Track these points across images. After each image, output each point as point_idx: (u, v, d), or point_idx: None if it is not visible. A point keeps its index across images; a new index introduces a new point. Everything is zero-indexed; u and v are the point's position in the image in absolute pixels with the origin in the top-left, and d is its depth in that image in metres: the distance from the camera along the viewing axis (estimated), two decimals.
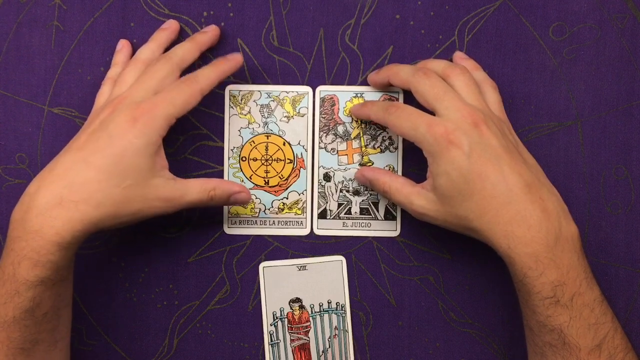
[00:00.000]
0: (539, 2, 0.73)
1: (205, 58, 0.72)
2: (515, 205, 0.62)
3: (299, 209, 0.74)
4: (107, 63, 0.73)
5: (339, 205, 0.74)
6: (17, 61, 0.73)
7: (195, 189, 0.67)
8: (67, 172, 0.62)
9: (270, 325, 0.74)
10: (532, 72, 0.73)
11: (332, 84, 0.74)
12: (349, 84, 0.74)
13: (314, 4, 0.73)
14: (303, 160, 0.74)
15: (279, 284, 0.74)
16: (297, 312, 0.74)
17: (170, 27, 0.72)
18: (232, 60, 0.70)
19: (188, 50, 0.70)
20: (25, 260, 0.60)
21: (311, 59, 0.74)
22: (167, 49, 0.71)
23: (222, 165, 0.74)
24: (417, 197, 0.67)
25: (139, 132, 0.63)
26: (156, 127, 0.64)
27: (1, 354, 0.61)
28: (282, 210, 0.74)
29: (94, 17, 0.73)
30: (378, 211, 0.74)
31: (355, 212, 0.74)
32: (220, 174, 0.74)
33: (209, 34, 0.72)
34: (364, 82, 0.74)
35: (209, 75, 0.68)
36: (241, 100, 0.73)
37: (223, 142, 0.74)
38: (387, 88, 0.73)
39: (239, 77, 0.73)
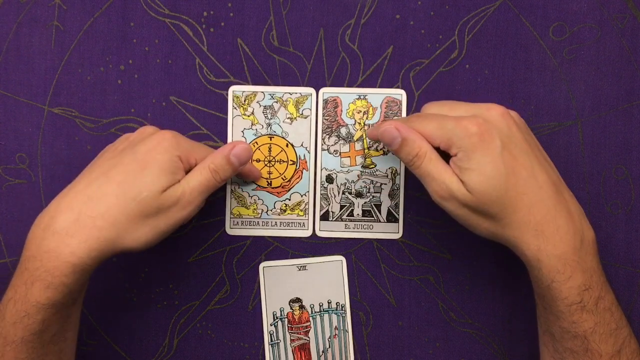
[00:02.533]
0: (539, 2, 0.73)
1: (205, 58, 0.72)
2: (546, 204, 0.61)
3: (301, 210, 0.74)
4: (107, 63, 0.73)
5: (341, 207, 0.74)
6: (17, 61, 0.73)
7: (195, 174, 0.66)
8: (88, 187, 0.62)
9: (270, 325, 0.74)
10: (532, 72, 0.73)
11: (332, 84, 0.74)
12: (350, 84, 0.74)
13: (314, 4, 0.73)
14: (306, 162, 0.74)
15: (279, 284, 0.74)
16: (297, 312, 0.74)
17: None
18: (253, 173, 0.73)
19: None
20: (38, 282, 0.59)
21: (311, 59, 0.74)
22: None
23: None
24: (450, 178, 0.63)
25: (164, 149, 0.64)
26: (181, 153, 0.65)
27: None
28: (285, 211, 0.74)
29: (94, 17, 0.73)
30: (380, 213, 0.74)
31: (358, 214, 0.74)
32: None
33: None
34: (364, 83, 0.74)
35: (227, 171, 0.67)
36: (244, 101, 0.73)
37: (223, 142, 0.74)
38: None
39: (238, 77, 0.73)
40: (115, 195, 0.61)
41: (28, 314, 0.59)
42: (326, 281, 0.74)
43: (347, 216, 0.74)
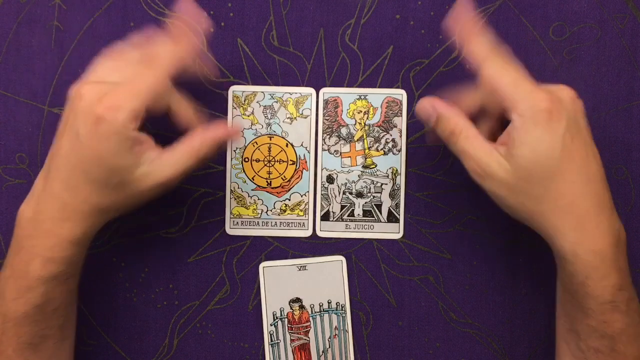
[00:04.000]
0: (539, 2, 0.73)
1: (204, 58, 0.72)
2: (591, 197, 0.59)
3: (301, 210, 0.74)
4: None
5: (342, 207, 0.74)
6: (17, 61, 0.73)
7: (182, 158, 0.62)
8: (60, 174, 0.61)
9: (270, 325, 0.74)
10: (532, 72, 0.73)
11: (332, 84, 0.74)
12: (350, 84, 0.74)
13: (314, 4, 0.73)
14: (306, 162, 0.74)
15: (279, 284, 0.74)
16: (297, 312, 0.74)
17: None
18: (192, 33, 0.65)
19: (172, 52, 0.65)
20: (38, 258, 0.60)
21: (311, 59, 0.74)
22: None
23: (222, 165, 0.74)
24: (488, 155, 0.60)
25: (107, 132, 0.58)
26: (124, 123, 0.59)
27: (10, 348, 0.62)
28: (285, 211, 0.74)
29: (93, 17, 0.73)
30: (381, 213, 0.74)
31: (358, 214, 0.74)
32: (220, 174, 0.74)
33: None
34: (365, 83, 0.73)
35: (171, 52, 0.63)
36: (244, 101, 0.73)
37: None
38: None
39: (238, 77, 0.73)
40: (85, 183, 0.60)
41: (30, 288, 0.60)
42: (326, 281, 0.74)
43: (347, 216, 0.74)
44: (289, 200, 0.74)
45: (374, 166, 0.74)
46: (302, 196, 0.74)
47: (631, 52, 0.73)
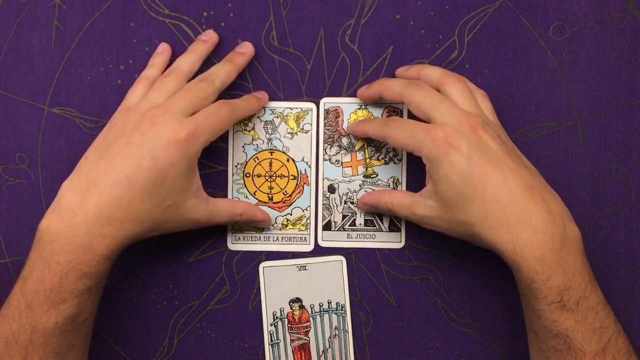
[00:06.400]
0: (539, 2, 0.73)
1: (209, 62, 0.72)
2: (519, 207, 0.62)
3: (302, 225, 0.74)
4: (107, 63, 0.73)
5: (344, 216, 0.74)
6: (17, 61, 0.73)
7: (223, 213, 0.70)
8: (113, 190, 0.63)
9: (270, 325, 0.74)
10: (532, 72, 0.73)
11: (332, 84, 0.74)
12: (350, 84, 0.74)
13: (314, 4, 0.73)
14: (307, 177, 0.74)
15: (279, 284, 0.74)
16: (297, 312, 0.74)
17: (210, 39, 0.73)
18: (263, 100, 0.73)
19: (228, 73, 0.71)
20: (73, 272, 0.62)
21: (311, 59, 0.74)
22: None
23: (222, 165, 0.74)
24: (417, 207, 0.67)
25: (182, 155, 0.64)
26: (196, 150, 0.66)
27: (36, 357, 0.62)
28: (286, 226, 0.74)
29: (93, 17, 0.73)
30: (382, 223, 0.74)
31: (360, 224, 0.74)
32: (220, 174, 0.74)
33: (246, 55, 0.73)
34: (365, 83, 0.73)
35: (244, 107, 0.70)
36: None
37: (224, 142, 0.74)
38: (377, 102, 0.73)
39: (238, 77, 0.73)
40: (141, 201, 0.63)
41: (64, 300, 0.62)
42: (326, 281, 0.74)
43: (349, 226, 0.74)
44: (291, 215, 0.74)
45: (375, 176, 0.74)
46: (303, 211, 0.74)
47: (631, 52, 0.73)
